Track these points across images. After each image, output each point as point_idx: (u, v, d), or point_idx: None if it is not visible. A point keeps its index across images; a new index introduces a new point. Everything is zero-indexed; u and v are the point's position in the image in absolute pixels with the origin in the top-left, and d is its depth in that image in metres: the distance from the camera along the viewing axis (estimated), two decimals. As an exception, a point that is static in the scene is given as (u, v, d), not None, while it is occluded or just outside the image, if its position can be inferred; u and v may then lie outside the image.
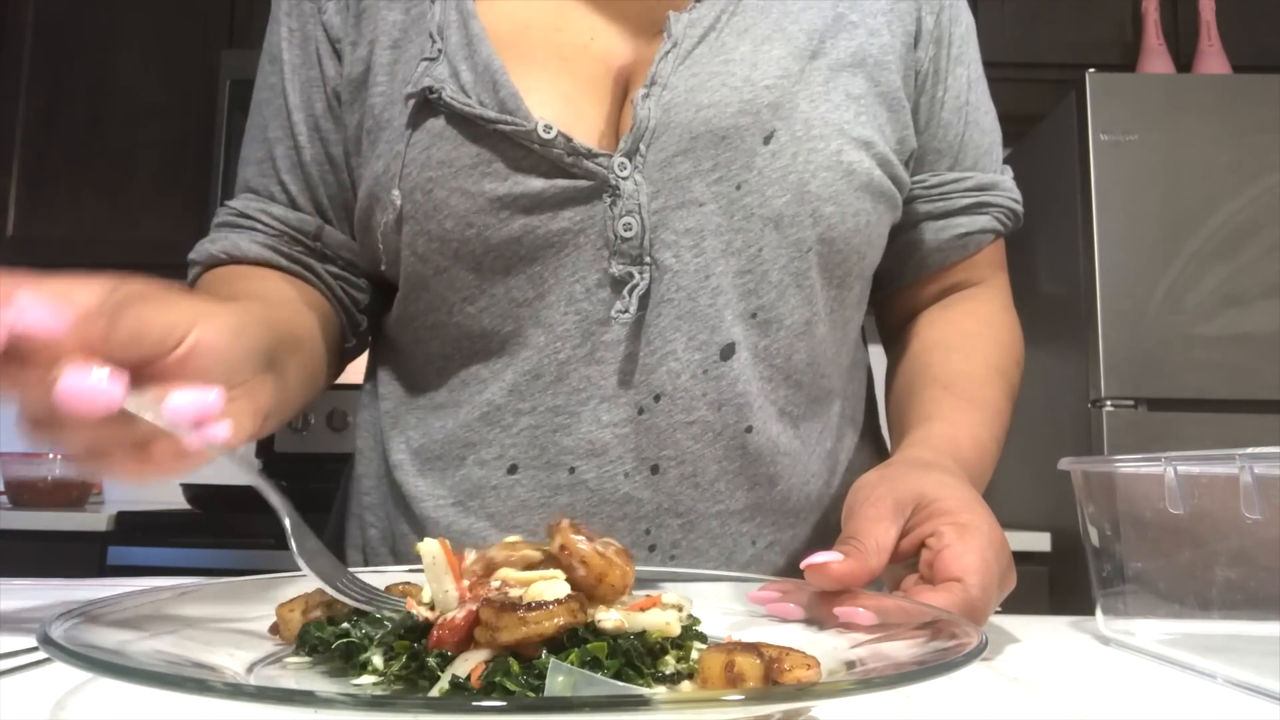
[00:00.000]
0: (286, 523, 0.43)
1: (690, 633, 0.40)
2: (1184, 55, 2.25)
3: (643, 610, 0.39)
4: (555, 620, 0.35)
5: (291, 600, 0.44)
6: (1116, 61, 2.28)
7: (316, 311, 0.71)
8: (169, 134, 2.38)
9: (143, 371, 0.43)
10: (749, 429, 0.67)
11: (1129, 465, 0.52)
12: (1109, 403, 1.85)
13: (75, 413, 0.40)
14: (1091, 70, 1.96)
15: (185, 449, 0.43)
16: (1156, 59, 2.22)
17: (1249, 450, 0.42)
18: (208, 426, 0.43)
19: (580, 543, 0.40)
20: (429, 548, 0.41)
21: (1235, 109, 1.91)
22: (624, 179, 0.64)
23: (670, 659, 0.38)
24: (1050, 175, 2.05)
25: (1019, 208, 0.79)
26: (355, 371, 0.80)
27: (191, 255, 0.74)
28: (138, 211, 2.36)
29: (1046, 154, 2.09)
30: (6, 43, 2.40)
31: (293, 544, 0.43)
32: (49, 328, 0.40)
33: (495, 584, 0.39)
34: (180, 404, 0.42)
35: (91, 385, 0.40)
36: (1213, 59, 2.21)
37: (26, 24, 2.41)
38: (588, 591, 0.39)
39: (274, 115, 0.73)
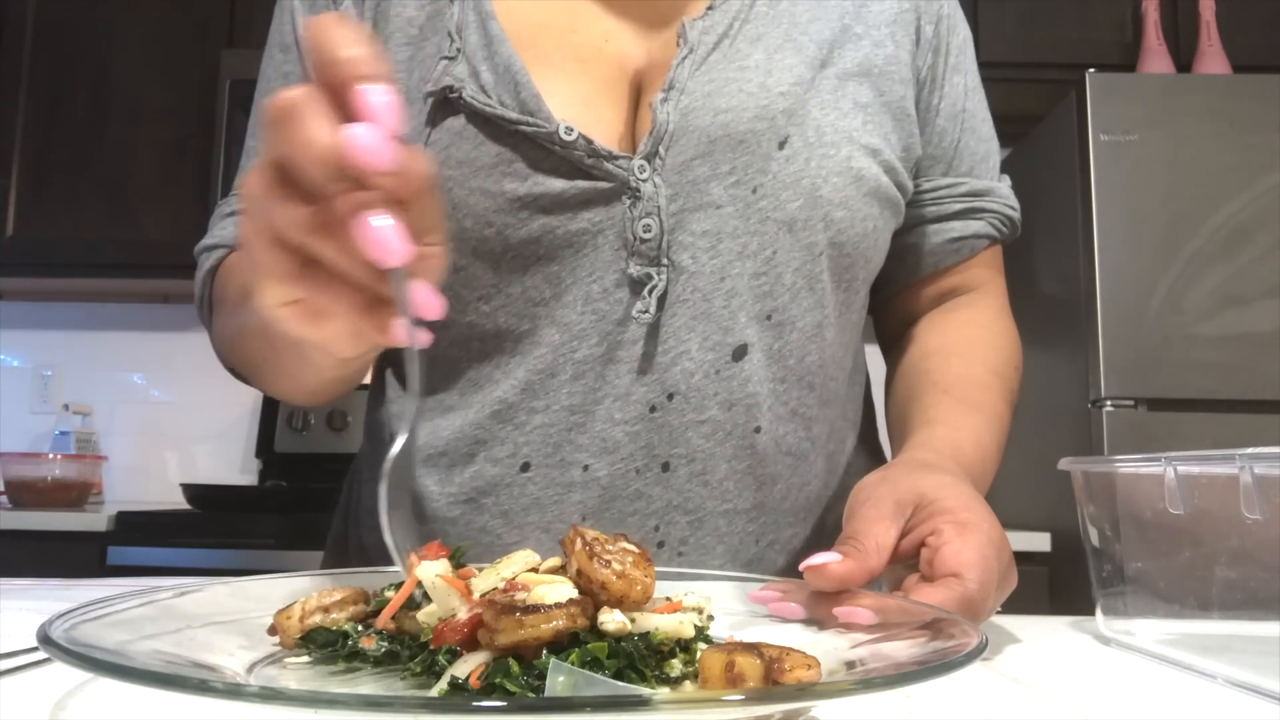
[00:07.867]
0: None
1: (700, 635, 0.40)
2: (1184, 55, 2.24)
3: (662, 615, 0.39)
4: (553, 624, 0.35)
5: (288, 608, 0.43)
6: (1116, 61, 2.28)
7: None
8: (169, 134, 2.38)
9: None
10: (758, 429, 0.67)
11: (1129, 465, 0.51)
12: (1109, 403, 1.85)
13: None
14: (1091, 70, 1.95)
15: (395, 330, 0.40)
16: (1156, 59, 2.22)
17: (1249, 450, 0.42)
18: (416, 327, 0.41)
19: (598, 566, 0.38)
20: (426, 575, 0.40)
21: (1235, 109, 1.91)
22: (644, 181, 0.64)
23: (677, 662, 0.38)
24: (1050, 175, 2.05)
25: (1015, 215, 0.80)
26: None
27: (215, 240, 0.72)
28: (138, 211, 2.36)
29: (1046, 154, 2.09)
30: (6, 43, 2.40)
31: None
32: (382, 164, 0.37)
33: (501, 584, 0.39)
34: (421, 292, 0.40)
35: (388, 232, 0.37)
36: (1213, 59, 2.21)
37: (26, 24, 2.40)
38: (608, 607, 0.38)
39: None
